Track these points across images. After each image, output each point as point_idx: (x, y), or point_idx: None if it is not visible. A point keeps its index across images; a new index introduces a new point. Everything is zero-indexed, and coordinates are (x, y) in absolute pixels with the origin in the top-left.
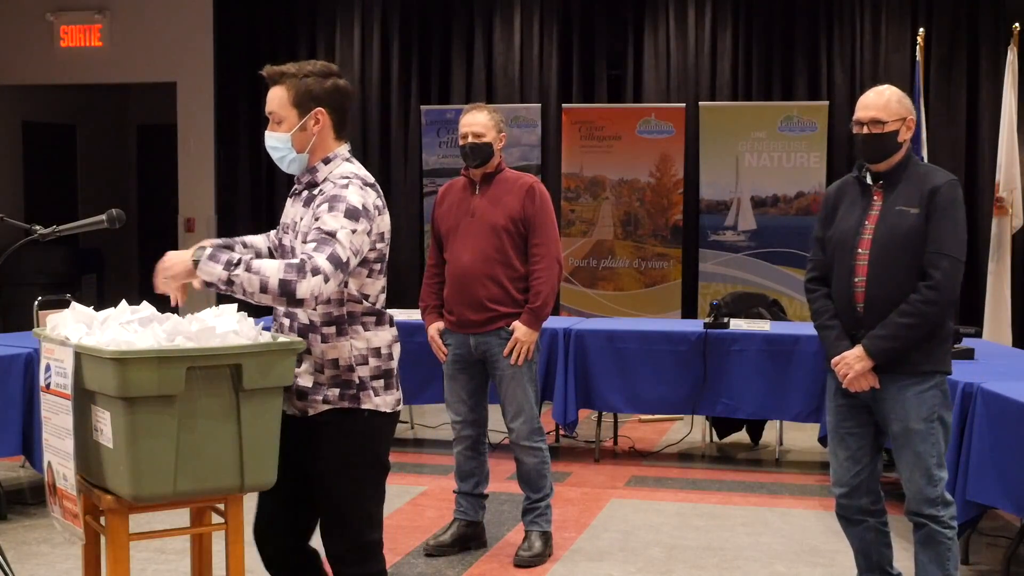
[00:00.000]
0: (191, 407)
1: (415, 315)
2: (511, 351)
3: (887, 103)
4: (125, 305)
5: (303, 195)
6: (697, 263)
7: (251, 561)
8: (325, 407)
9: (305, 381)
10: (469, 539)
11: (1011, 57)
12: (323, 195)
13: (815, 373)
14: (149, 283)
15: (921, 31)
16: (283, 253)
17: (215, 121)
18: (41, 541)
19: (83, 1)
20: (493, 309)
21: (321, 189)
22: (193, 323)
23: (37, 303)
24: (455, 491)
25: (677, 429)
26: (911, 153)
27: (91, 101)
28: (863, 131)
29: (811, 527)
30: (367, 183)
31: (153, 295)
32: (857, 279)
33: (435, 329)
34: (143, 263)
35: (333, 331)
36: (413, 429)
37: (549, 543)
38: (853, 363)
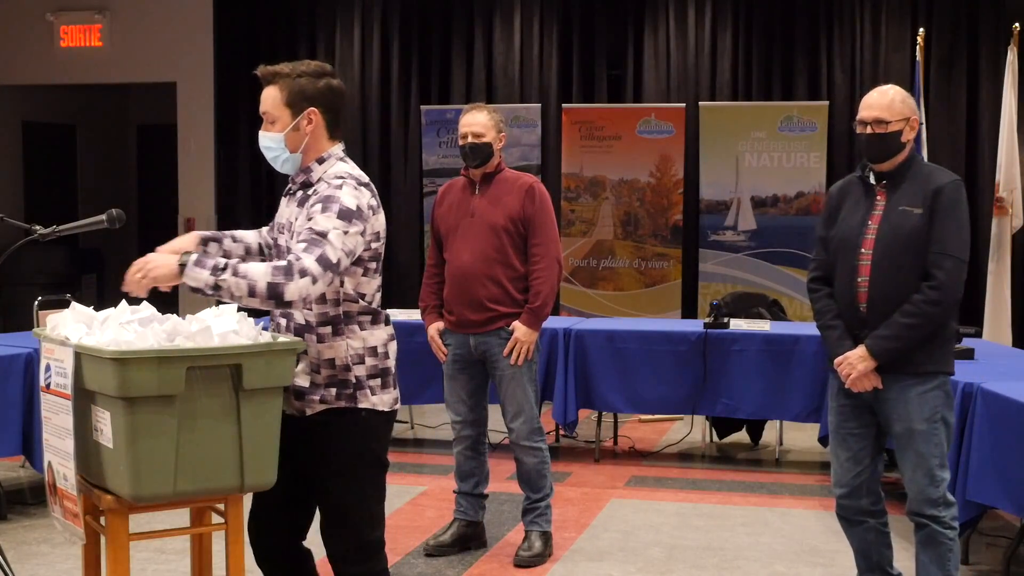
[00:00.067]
0: (191, 407)
1: (415, 315)
2: (511, 351)
3: (891, 103)
4: (125, 305)
5: (297, 195)
6: (697, 263)
7: (251, 561)
8: (322, 407)
9: (302, 381)
10: (469, 539)
11: (1011, 57)
12: (317, 195)
13: (815, 373)
14: None
15: (921, 31)
16: (279, 253)
17: (215, 121)
18: (41, 541)
19: (83, 1)
20: (493, 309)
21: (315, 189)
22: (193, 323)
23: (37, 303)
24: (455, 491)
25: (677, 429)
26: (915, 153)
27: (91, 101)
28: (866, 131)
29: (811, 527)
30: (361, 183)
31: (153, 295)
32: (860, 279)
33: (435, 329)
34: None
35: (329, 331)
36: (413, 429)
37: (549, 543)
38: (856, 363)
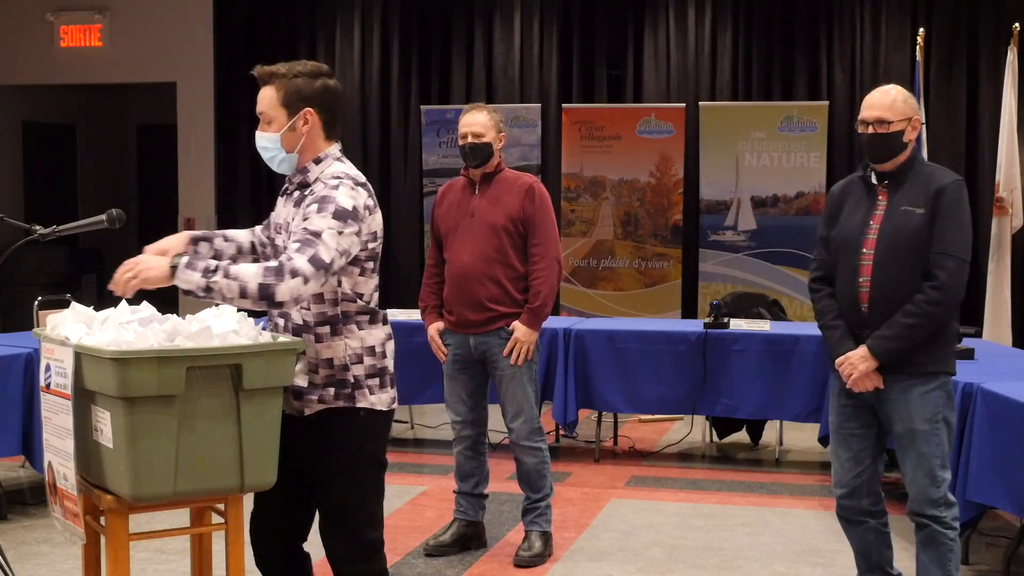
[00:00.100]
0: (191, 407)
1: (415, 315)
2: (511, 351)
3: (893, 103)
4: (125, 305)
5: (294, 195)
6: (697, 263)
7: (251, 561)
8: (321, 407)
9: (300, 381)
10: (469, 539)
11: (1011, 57)
12: (313, 195)
13: (815, 373)
14: None
15: (921, 31)
16: (276, 253)
17: (215, 121)
18: (41, 541)
19: (83, 1)
20: (493, 309)
21: (312, 189)
22: (193, 323)
23: (37, 303)
24: (455, 491)
25: (677, 429)
26: (916, 153)
27: (91, 101)
28: (868, 131)
29: (811, 527)
30: (358, 183)
31: (152, 295)
32: (862, 279)
33: (435, 329)
34: None
35: (327, 330)
36: (413, 429)
37: (549, 543)
38: (857, 363)
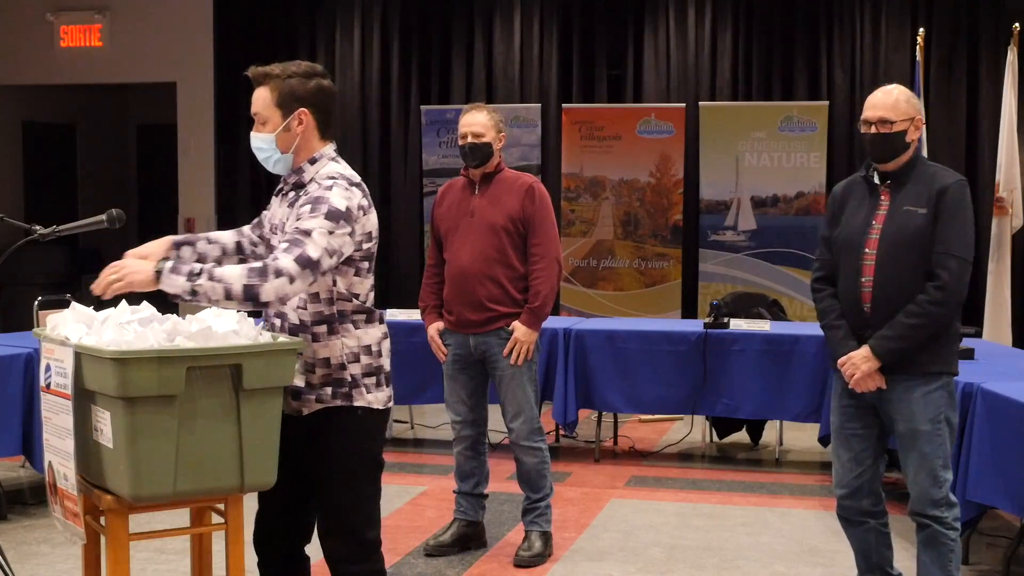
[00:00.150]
0: (191, 407)
1: (415, 315)
2: (511, 351)
3: (895, 103)
4: (125, 305)
5: (289, 195)
6: (697, 263)
7: (251, 561)
8: (319, 406)
9: (298, 381)
10: (469, 539)
11: (1011, 57)
12: (307, 195)
13: (815, 373)
14: None
15: (921, 31)
16: (270, 252)
17: (215, 121)
18: (41, 541)
19: (83, 1)
20: (492, 309)
21: (307, 189)
22: (193, 323)
23: (37, 303)
24: (455, 491)
25: (677, 429)
26: (919, 153)
27: (91, 101)
28: (871, 131)
29: (811, 527)
30: (352, 183)
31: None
32: (864, 279)
33: (435, 329)
34: None
35: (324, 330)
36: (413, 429)
37: (549, 543)
38: (860, 363)
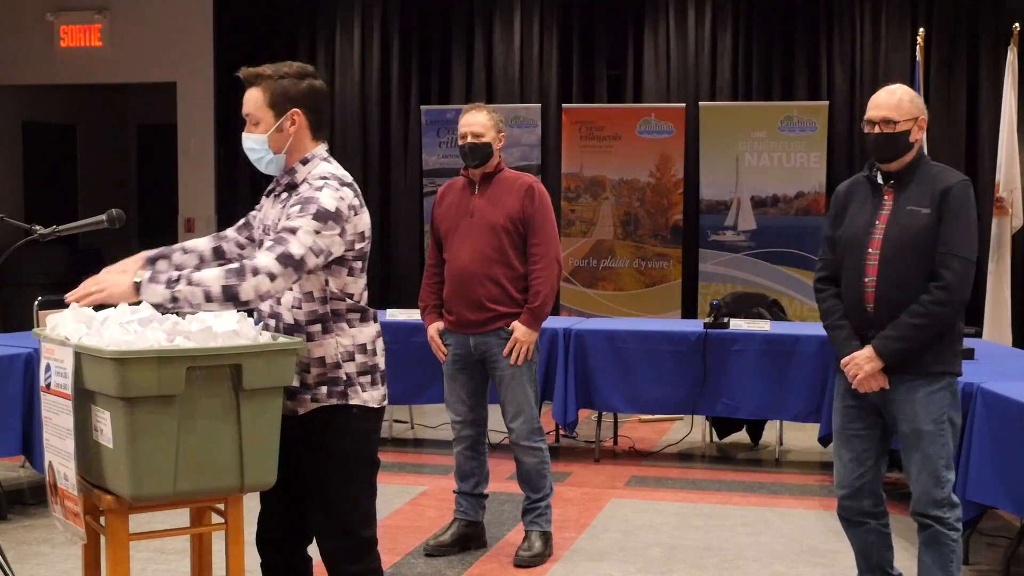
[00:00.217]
0: (191, 407)
1: (415, 315)
2: (511, 351)
3: (899, 102)
4: (125, 305)
5: (282, 196)
6: (697, 263)
7: (251, 561)
8: (315, 405)
9: (293, 381)
10: (469, 539)
11: (1011, 57)
12: (298, 196)
13: (815, 373)
14: None
15: (921, 31)
16: None
17: (215, 121)
18: (41, 541)
19: (83, 1)
20: (492, 309)
21: (299, 190)
22: (193, 323)
23: (37, 303)
24: (455, 491)
25: (677, 429)
26: (922, 153)
27: (91, 101)
28: (874, 131)
29: (811, 527)
30: (344, 183)
31: None
32: (867, 279)
33: (435, 329)
34: None
35: (318, 329)
36: (413, 429)
37: (549, 543)
38: (863, 364)
